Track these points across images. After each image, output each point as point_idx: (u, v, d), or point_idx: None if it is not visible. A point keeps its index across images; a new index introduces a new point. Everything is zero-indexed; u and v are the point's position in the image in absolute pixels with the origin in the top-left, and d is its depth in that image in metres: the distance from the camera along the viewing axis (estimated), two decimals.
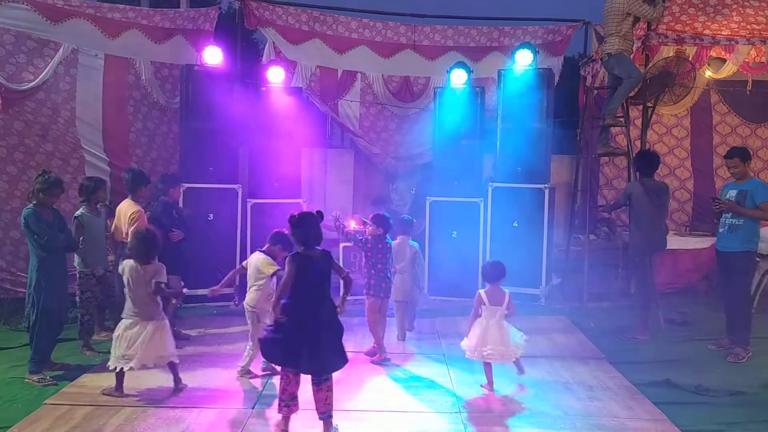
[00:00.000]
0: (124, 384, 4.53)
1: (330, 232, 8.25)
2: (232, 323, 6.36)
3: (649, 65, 7.70)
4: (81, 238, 5.27)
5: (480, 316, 4.63)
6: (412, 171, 9.69)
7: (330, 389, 3.86)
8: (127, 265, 4.55)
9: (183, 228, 5.84)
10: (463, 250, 7.35)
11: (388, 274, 5.32)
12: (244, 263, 4.97)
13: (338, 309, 3.94)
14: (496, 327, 4.57)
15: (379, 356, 5.30)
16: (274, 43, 8.99)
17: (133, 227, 5.21)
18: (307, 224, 3.88)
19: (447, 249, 7.47)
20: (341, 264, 7.40)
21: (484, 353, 4.55)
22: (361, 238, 5.32)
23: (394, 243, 5.46)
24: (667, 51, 7.82)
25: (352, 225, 7.67)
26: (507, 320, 4.65)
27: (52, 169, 6.23)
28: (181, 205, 6.76)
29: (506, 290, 4.68)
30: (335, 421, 3.92)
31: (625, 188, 6.49)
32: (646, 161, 6.37)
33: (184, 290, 5.14)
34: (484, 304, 4.60)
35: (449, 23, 9.71)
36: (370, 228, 5.35)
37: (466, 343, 4.67)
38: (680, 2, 7.81)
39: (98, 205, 5.59)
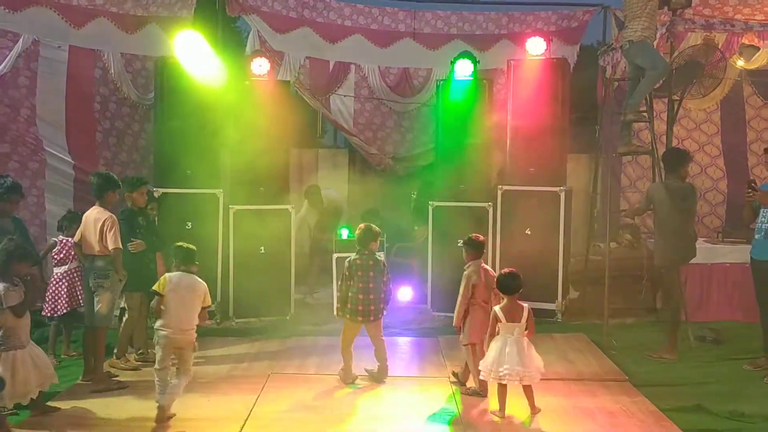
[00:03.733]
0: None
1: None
2: (213, 344, 6.37)
3: (675, 54, 7.74)
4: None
5: (497, 334, 4.67)
6: (412, 173, 9.73)
7: None
8: None
9: (150, 238, 5.85)
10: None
11: (371, 295, 5.32)
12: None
13: None
14: (515, 345, 4.60)
15: (345, 378, 5.38)
16: (258, 31, 9.05)
17: (111, 234, 5.21)
18: None
19: (452, 259, 7.48)
20: (335, 275, 7.45)
21: (500, 373, 4.57)
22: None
23: (475, 270, 5.18)
24: (695, 38, 7.86)
25: (343, 236, 7.73)
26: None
27: (8, 173, 6.25)
28: (153, 212, 6.79)
29: (525, 304, 4.71)
30: None
31: (647, 191, 6.53)
32: (670, 157, 6.41)
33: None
34: (500, 321, 4.63)
35: (453, 9, 9.77)
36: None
37: (482, 364, 4.71)
38: None
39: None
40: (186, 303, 4.63)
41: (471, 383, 5.17)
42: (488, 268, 5.37)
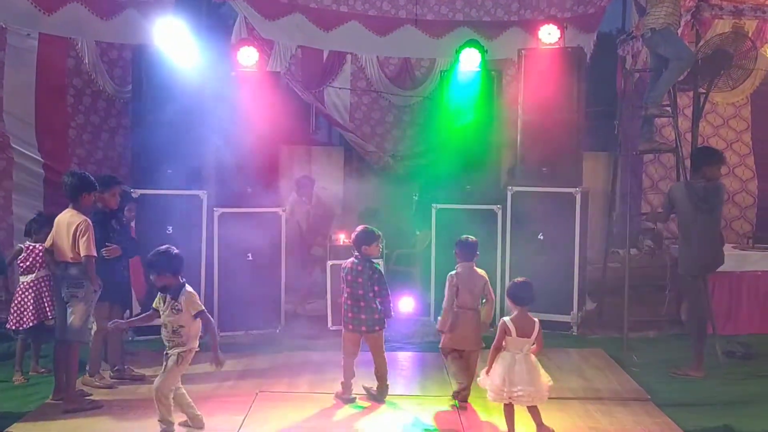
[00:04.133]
0: None
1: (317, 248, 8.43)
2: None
3: (701, 43, 7.76)
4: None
5: (503, 350, 4.67)
6: (414, 172, 9.74)
7: None
8: None
9: (125, 243, 5.84)
10: (478, 268, 7.36)
11: (373, 304, 5.35)
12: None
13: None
14: (524, 363, 4.59)
15: (343, 393, 5.41)
16: (246, 18, 9.06)
17: (84, 240, 5.20)
18: None
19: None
20: (329, 284, 7.46)
21: (514, 394, 4.56)
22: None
23: (458, 273, 5.39)
24: (723, 25, 7.90)
25: (342, 240, 7.74)
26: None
27: None
28: (132, 214, 6.79)
29: (536, 319, 4.71)
30: None
31: (668, 191, 6.54)
32: (696, 155, 6.43)
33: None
34: (510, 334, 4.63)
35: None
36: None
37: (486, 382, 4.70)
38: None
39: None
40: None
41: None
42: (481, 273, 5.44)
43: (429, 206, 7.86)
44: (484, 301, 5.40)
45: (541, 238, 7.39)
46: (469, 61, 7.67)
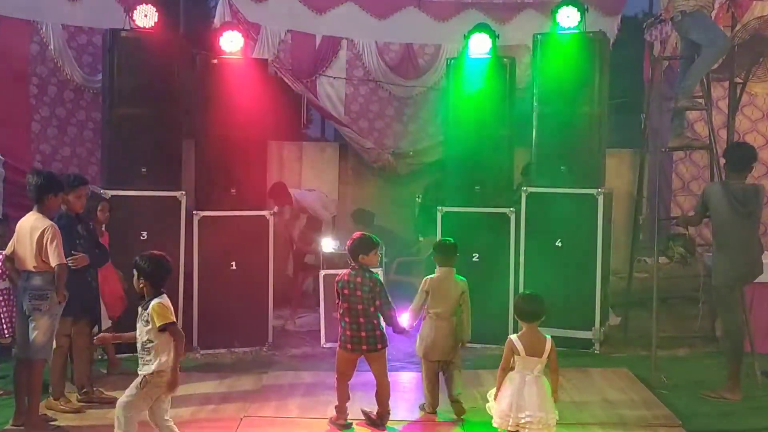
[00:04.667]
0: None
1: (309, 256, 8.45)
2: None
3: (737, 27, 7.78)
4: None
5: (511, 370, 4.67)
6: (417, 171, 9.76)
7: None
8: None
9: (93, 250, 5.84)
10: (488, 278, 7.39)
11: (375, 319, 5.36)
12: None
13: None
14: (534, 385, 4.59)
15: (337, 418, 5.43)
16: None
17: (53, 248, 5.20)
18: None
19: (466, 278, 7.49)
20: (322, 294, 7.47)
21: (521, 421, 4.56)
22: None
23: (433, 278, 5.61)
24: (762, 8, 7.91)
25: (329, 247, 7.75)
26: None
27: None
28: (105, 215, 6.81)
29: (548, 336, 4.72)
30: None
31: (702, 193, 6.55)
32: (735, 153, 6.44)
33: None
34: (518, 353, 4.63)
35: None
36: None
37: (493, 406, 4.71)
38: None
39: None
40: None
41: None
42: (459, 281, 5.62)
43: (434, 209, 7.88)
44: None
45: (559, 245, 7.40)
46: (479, 47, 7.69)
